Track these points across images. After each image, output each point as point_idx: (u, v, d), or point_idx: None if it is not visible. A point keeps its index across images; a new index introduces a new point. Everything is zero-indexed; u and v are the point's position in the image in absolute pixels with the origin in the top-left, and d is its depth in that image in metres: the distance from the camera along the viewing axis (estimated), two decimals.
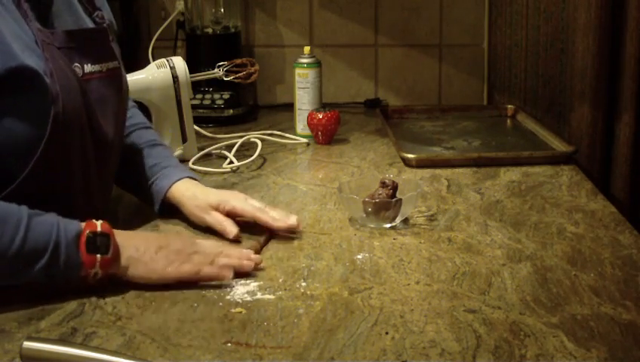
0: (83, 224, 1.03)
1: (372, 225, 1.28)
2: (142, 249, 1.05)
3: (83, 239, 1.01)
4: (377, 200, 1.26)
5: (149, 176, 1.32)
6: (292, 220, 1.24)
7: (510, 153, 1.66)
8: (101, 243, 1.02)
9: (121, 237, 1.05)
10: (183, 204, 1.28)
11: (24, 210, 1.00)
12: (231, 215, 1.25)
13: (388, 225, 1.28)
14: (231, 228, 1.23)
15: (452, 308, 1.00)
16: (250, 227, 1.25)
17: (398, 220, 1.28)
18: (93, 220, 1.03)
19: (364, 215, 1.28)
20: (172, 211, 1.31)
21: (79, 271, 1.01)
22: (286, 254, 1.18)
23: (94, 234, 1.01)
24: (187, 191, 1.29)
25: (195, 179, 1.32)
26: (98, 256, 1.01)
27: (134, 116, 1.40)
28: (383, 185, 1.28)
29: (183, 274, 1.06)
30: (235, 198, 1.27)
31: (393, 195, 1.28)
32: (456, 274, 1.10)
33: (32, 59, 1.03)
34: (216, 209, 1.25)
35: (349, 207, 1.31)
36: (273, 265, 1.13)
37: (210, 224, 1.25)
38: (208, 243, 1.13)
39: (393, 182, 1.29)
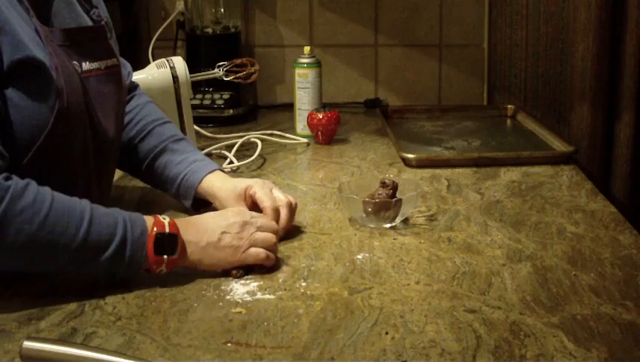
0: (148, 220, 1.04)
1: (372, 225, 1.28)
2: (205, 240, 1.07)
3: (151, 239, 1.02)
4: (377, 201, 1.26)
5: (178, 172, 1.32)
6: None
7: (510, 153, 1.66)
8: (169, 244, 1.04)
9: (186, 230, 1.06)
10: (214, 196, 1.29)
11: (86, 202, 1.02)
12: (252, 202, 1.26)
13: (388, 225, 1.28)
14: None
15: (452, 308, 1.00)
16: None
17: (398, 220, 1.28)
18: (159, 217, 1.05)
19: (364, 215, 1.28)
20: (205, 205, 1.32)
21: (143, 268, 1.04)
22: (286, 254, 1.18)
23: (162, 235, 1.03)
24: (217, 183, 1.29)
25: (223, 171, 1.34)
26: (165, 256, 1.03)
27: (152, 113, 1.40)
28: (383, 185, 1.28)
29: (249, 259, 1.09)
30: (260, 185, 1.26)
31: (393, 195, 1.27)
32: (456, 274, 1.10)
33: (38, 52, 1.04)
34: (243, 196, 1.26)
35: (349, 207, 1.31)
36: (273, 265, 1.13)
37: None
38: (266, 221, 1.14)
39: (393, 182, 1.28)
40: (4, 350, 0.90)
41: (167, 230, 1.04)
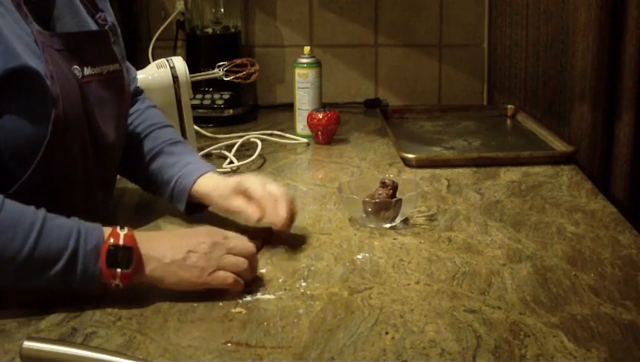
0: (106, 231, 0.99)
1: (372, 225, 1.28)
2: (169, 257, 1.01)
3: (104, 252, 0.97)
4: (377, 201, 1.26)
5: (172, 175, 1.30)
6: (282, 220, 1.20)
7: (510, 153, 1.66)
8: (122, 257, 0.98)
9: (147, 245, 1.00)
10: (207, 197, 1.27)
11: (41, 213, 0.98)
12: (245, 195, 1.23)
13: (388, 225, 1.28)
14: (252, 211, 1.21)
15: (452, 308, 1.00)
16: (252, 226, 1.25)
17: (398, 220, 1.28)
18: (118, 228, 1.00)
19: (364, 215, 1.28)
20: (199, 209, 1.31)
21: (98, 283, 0.98)
22: (286, 254, 1.18)
23: (116, 247, 0.98)
24: (210, 184, 1.27)
25: (217, 173, 1.31)
26: (118, 270, 0.98)
27: (153, 116, 1.38)
28: (383, 185, 1.28)
29: (215, 283, 1.02)
30: (252, 180, 1.24)
31: (393, 195, 1.27)
32: (456, 274, 1.10)
33: (33, 61, 1.03)
34: (236, 190, 1.24)
35: (349, 207, 1.31)
36: (273, 265, 1.13)
37: (234, 211, 1.24)
38: (240, 243, 1.07)
39: (393, 182, 1.28)
40: (4, 350, 0.90)
41: (121, 242, 0.98)
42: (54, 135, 1.04)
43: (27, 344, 0.85)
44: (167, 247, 1.02)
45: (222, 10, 2.13)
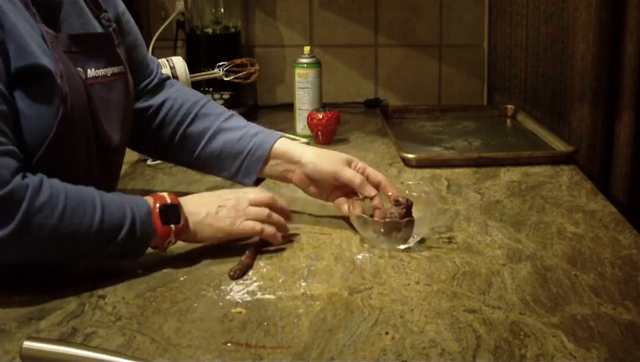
0: (149, 199, 1.10)
1: (384, 246, 1.18)
2: (204, 211, 1.13)
3: (156, 212, 1.08)
4: (387, 221, 1.18)
5: (242, 148, 1.30)
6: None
7: (510, 153, 1.66)
8: (172, 214, 1.10)
9: (185, 203, 1.12)
10: (297, 160, 1.29)
11: (93, 190, 1.06)
12: (364, 174, 1.27)
13: (402, 246, 1.18)
14: (370, 190, 1.25)
15: (452, 308, 1.00)
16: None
17: (412, 241, 1.18)
18: (158, 193, 1.11)
19: (376, 236, 1.19)
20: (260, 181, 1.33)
21: (154, 242, 1.09)
22: (286, 254, 1.18)
23: (165, 206, 1.09)
24: (297, 149, 1.30)
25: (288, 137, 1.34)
26: (172, 226, 1.09)
27: (190, 96, 1.36)
28: (396, 203, 1.20)
29: (247, 230, 1.15)
30: (362, 163, 1.29)
31: (407, 214, 1.19)
32: (456, 274, 1.10)
33: (44, 59, 1.04)
34: (349, 163, 1.27)
35: (360, 227, 1.22)
36: (273, 265, 1.13)
37: (348, 178, 1.25)
38: (258, 196, 1.19)
39: (407, 200, 1.20)
40: (4, 350, 0.90)
41: (168, 201, 1.10)
42: (59, 132, 1.05)
43: (27, 344, 0.85)
44: (199, 204, 1.14)
45: (222, 10, 2.13)
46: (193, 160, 1.34)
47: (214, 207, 1.14)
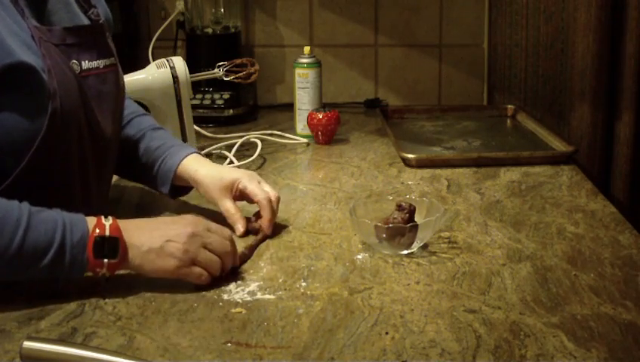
0: (90, 222, 1.01)
1: (387, 252, 1.17)
2: (147, 245, 1.02)
3: (90, 242, 0.99)
4: (390, 226, 1.16)
5: (156, 157, 1.31)
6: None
7: (510, 153, 1.66)
8: (109, 248, 1.00)
9: (128, 233, 1.02)
10: (196, 182, 1.28)
11: (25, 207, 0.99)
12: (241, 195, 1.26)
13: (405, 252, 1.17)
14: (239, 225, 1.24)
15: (452, 308, 1.00)
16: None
17: (415, 247, 1.17)
18: (102, 218, 1.01)
19: (378, 241, 1.18)
20: (183, 193, 1.33)
21: (85, 272, 1.00)
22: (286, 254, 1.18)
23: (102, 238, 0.99)
24: (201, 169, 1.28)
25: (200, 154, 1.33)
26: (105, 260, 1.00)
27: (129, 106, 1.39)
28: (399, 208, 1.18)
29: (191, 279, 1.05)
30: (249, 179, 1.26)
31: (410, 219, 1.17)
32: (456, 274, 1.10)
33: (28, 56, 1.03)
34: (230, 188, 1.26)
35: (362, 232, 1.20)
36: (273, 265, 1.13)
37: (222, 211, 1.26)
38: (218, 240, 1.07)
39: (410, 205, 1.18)
40: (4, 350, 0.90)
41: (107, 233, 1.00)
42: (50, 128, 1.04)
43: (27, 344, 0.85)
44: (146, 235, 1.03)
45: (222, 10, 2.13)
46: (122, 167, 1.33)
47: (161, 240, 1.03)
